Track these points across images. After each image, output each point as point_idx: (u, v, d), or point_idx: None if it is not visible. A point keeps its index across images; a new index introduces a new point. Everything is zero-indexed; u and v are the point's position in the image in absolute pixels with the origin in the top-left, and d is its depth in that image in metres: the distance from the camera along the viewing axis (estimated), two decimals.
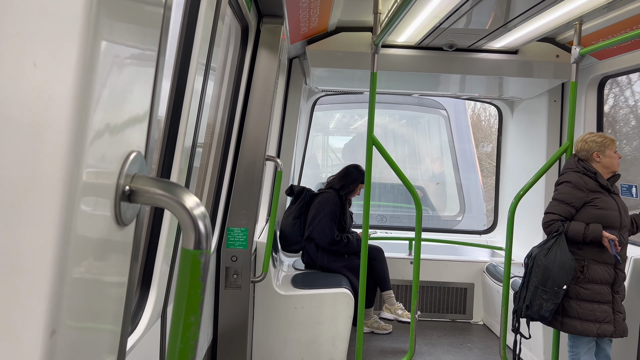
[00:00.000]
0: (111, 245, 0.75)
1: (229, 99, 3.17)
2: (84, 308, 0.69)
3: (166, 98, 1.93)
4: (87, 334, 0.71)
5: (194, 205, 0.74)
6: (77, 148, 0.60)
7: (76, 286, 0.64)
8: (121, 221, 0.74)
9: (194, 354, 0.76)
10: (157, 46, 0.81)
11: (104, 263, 0.73)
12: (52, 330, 0.59)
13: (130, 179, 0.74)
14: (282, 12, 3.20)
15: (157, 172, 1.93)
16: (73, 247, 0.62)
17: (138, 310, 1.86)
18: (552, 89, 4.76)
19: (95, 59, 0.60)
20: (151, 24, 0.78)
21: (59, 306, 0.60)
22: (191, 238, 0.74)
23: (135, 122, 0.77)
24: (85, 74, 0.59)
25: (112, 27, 0.65)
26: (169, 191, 0.74)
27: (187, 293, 0.75)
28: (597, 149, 3.24)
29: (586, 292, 3.08)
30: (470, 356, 4.30)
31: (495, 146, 6.00)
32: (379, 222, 6.31)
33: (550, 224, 3.19)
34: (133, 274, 0.84)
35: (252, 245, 3.26)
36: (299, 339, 3.72)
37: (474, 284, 5.11)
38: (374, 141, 3.40)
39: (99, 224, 0.69)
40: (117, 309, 0.81)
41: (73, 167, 0.60)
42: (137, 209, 0.80)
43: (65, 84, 0.58)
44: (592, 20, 3.57)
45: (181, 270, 0.75)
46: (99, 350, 0.77)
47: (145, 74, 0.78)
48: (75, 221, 0.62)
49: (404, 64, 4.35)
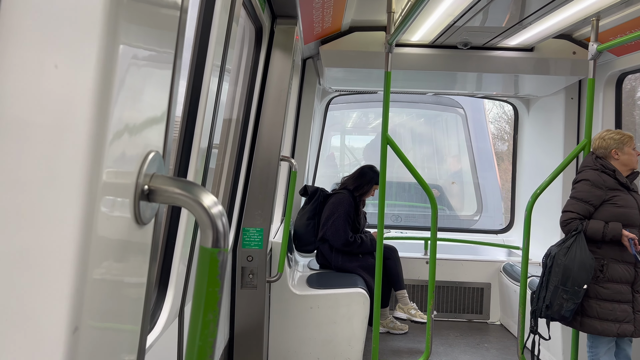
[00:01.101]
0: (131, 245, 0.76)
1: (243, 99, 3.19)
2: (104, 307, 0.70)
3: (182, 99, 1.96)
4: (107, 333, 0.73)
5: (211, 204, 0.75)
6: (97, 148, 0.61)
7: (97, 284, 0.66)
8: (140, 220, 0.76)
9: (212, 352, 0.77)
10: (174, 48, 0.82)
11: (124, 263, 0.75)
12: (75, 327, 0.61)
13: (149, 178, 0.75)
14: (295, 13, 3.21)
15: (174, 172, 1.96)
16: (94, 245, 0.63)
17: (156, 309, 1.88)
18: (569, 86, 4.70)
19: (114, 61, 0.62)
20: (168, 26, 0.79)
21: (81, 304, 0.62)
22: (209, 236, 0.75)
23: (154, 122, 0.78)
24: (104, 75, 0.60)
25: (130, 30, 0.66)
26: (187, 190, 0.75)
27: (206, 291, 0.76)
28: (615, 146, 3.20)
29: (606, 291, 3.04)
30: (487, 356, 4.27)
31: (511, 145, 5.95)
32: (394, 222, 6.29)
33: (568, 222, 3.15)
34: (152, 274, 0.85)
35: (267, 245, 3.27)
36: (314, 339, 3.73)
37: (491, 284, 5.07)
38: (388, 140, 3.40)
39: (119, 223, 0.71)
40: (137, 309, 0.82)
41: (93, 167, 0.61)
42: (155, 208, 0.81)
43: (85, 86, 0.59)
44: (610, 16, 3.52)
45: (199, 269, 0.76)
46: (119, 349, 0.78)
47: (163, 75, 0.79)
48: (96, 220, 0.63)
49: (418, 63, 4.33)
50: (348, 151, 7.96)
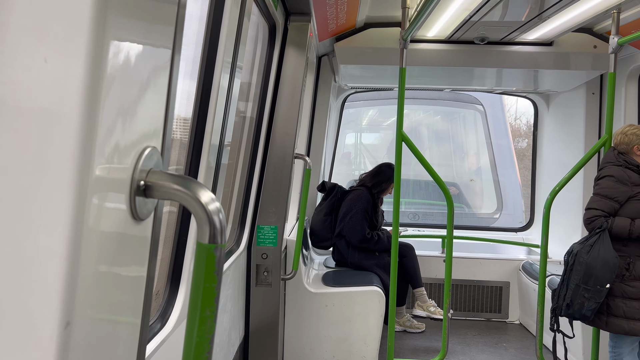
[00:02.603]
0: (127, 239, 0.76)
1: (258, 97, 3.20)
2: (100, 300, 0.70)
3: (193, 96, 1.96)
4: (104, 326, 0.73)
5: (208, 200, 0.75)
6: (88, 144, 0.61)
7: (90, 279, 0.66)
8: (137, 215, 0.76)
9: (210, 347, 0.77)
10: (172, 44, 0.82)
11: (120, 257, 0.75)
12: (67, 322, 0.61)
13: (145, 174, 0.75)
14: (309, 10, 3.20)
15: (185, 170, 1.97)
16: (86, 240, 0.63)
17: (168, 306, 1.89)
18: (590, 81, 4.60)
19: (104, 56, 0.61)
20: (164, 21, 0.79)
21: (73, 299, 0.62)
22: (206, 232, 0.74)
23: (150, 118, 0.78)
24: (94, 71, 0.60)
25: (123, 23, 0.66)
26: (184, 186, 0.75)
27: (203, 287, 0.75)
28: (638, 141, 3.11)
29: (633, 289, 2.96)
30: (505, 356, 4.21)
31: (531, 141, 5.85)
32: (411, 220, 6.24)
33: (592, 220, 3.06)
34: (152, 267, 0.85)
35: (282, 242, 3.27)
36: (330, 337, 3.72)
37: (510, 283, 4.99)
38: (403, 138, 3.37)
39: (113, 218, 0.71)
40: (136, 303, 0.82)
41: (84, 162, 0.61)
42: (154, 203, 0.81)
43: (76, 81, 0.59)
44: (632, 9, 3.43)
45: (196, 265, 0.75)
46: (118, 341, 0.78)
47: (159, 71, 0.79)
48: (88, 215, 0.63)
49: (435, 59, 4.28)
50: (364, 149, 7.92)
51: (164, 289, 1.95)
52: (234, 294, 2.87)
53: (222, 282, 2.56)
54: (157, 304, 1.93)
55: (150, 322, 1.80)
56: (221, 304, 2.54)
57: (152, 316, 1.86)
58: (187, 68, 2.03)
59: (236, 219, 3.12)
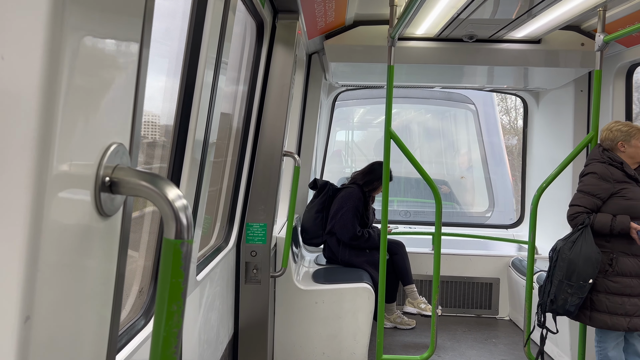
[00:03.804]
0: (94, 234, 0.76)
1: (246, 95, 3.20)
2: (64, 294, 0.70)
3: (176, 92, 1.96)
4: (69, 320, 0.73)
5: (175, 197, 0.75)
6: (46, 140, 0.61)
7: (52, 273, 0.66)
8: (103, 211, 0.76)
9: (177, 342, 0.77)
10: (140, 36, 0.81)
11: (86, 251, 0.75)
12: (27, 317, 0.61)
13: (111, 170, 0.76)
14: (297, 8, 3.20)
15: (168, 166, 1.96)
16: (47, 235, 0.63)
17: (152, 302, 1.89)
18: (579, 78, 4.62)
19: (62, 52, 0.61)
20: (130, 13, 0.78)
21: (33, 293, 0.62)
22: (172, 228, 0.75)
23: (116, 114, 0.78)
24: (52, 66, 0.60)
25: (84, 15, 0.65)
26: (150, 182, 0.76)
27: (170, 282, 0.76)
28: (622, 138, 3.14)
29: (615, 285, 2.99)
30: (494, 352, 4.23)
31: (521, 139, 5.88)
32: (402, 217, 6.26)
33: (575, 216, 3.11)
34: (122, 262, 0.86)
35: (271, 240, 3.28)
36: (320, 334, 3.73)
37: (500, 279, 5.02)
38: (392, 135, 3.38)
39: (77, 213, 0.71)
40: (105, 296, 0.83)
41: (42, 158, 0.61)
42: (121, 199, 0.81)
43: (33, 77, 0.59)
44: (618, 7, 3.45)
45: (163, 260, 0.76)
46: (86, 335, 0.79)
47: (126, 64, 0.79)
48: (49, 210, 0.63)
49: (424, 57, 4.29)
50: (355, 146, 7.93)
51: (148, 285, 1.95)
52: (222, 292, 2.87)
53: (210, 279, 2.56)
54: (142, 302, 1.93)
55: (135, 318, 1.81)
56: (209, 301, 2.54)
57: (136, 313, 1.87)
58: (171, 64, 2.02)
59: (225, 216, 3.12)
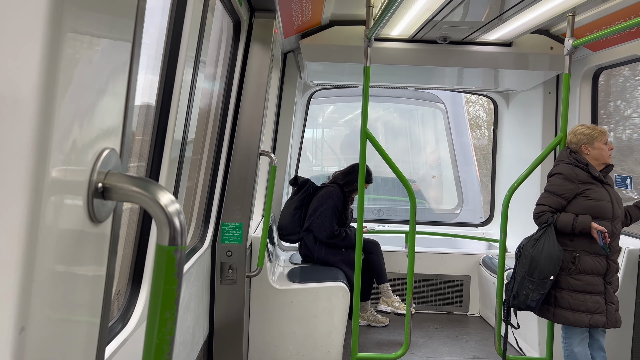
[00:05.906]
0: (86, 240, 0.75)
1: (222, 94, 3.17)
2: (58, 302, 0.69)
3: (155, 91, 1.93)
4: (62, 328, 0.72)
5: (168, 202, 0.74)
6: (42, 146, 0.60)
7: (47, 281, 0.65)
8: (95, 217, 0.75)
9: (170, 349, 0.77)
10: (132, 38, 0.80)
11: (79, 258, 0.74)
12: (22, 327, 0.60)
13: (104, 175, 0.74)
14: (274, 7, 3.19)
15: (146, 164, 1.93)
16: (42, 243, 0.62)
17: (129, 306, 1.86)
18: (547, 81, 4.75)
19: (58, 56, 0.60)
20: (123, 14, 0.77)
21: (29, 303, 0.61)
22: (166, 234, 0.74)
23: (108, 120, 0.77)
24: (49, 69, 0.59)
25: (79, 19, 0.64)
26: (143, 188, 0.75)
27: (163, 289, 0.75)
28: (585, 141, 3.25)
29: (578, 282, 3.10)
30: (466, 348, 4.32)
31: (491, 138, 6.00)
32: (376, 216, 6.31)
33: (540, 215, 3.22)
34: (111, 266, 0.85)
35: (247, 240, 3.26)
36: (295, 333, 3.74)
37: (470, 277, 5.12)
38: (368, 135, 3.40)
39: (71, 220, 0.70)
40: (95, 302, 0.82)
41: (39, 164, 0.60)
42: (112, 205, 0.80)
43: (30, 82, 0.58)
44: (586, 12, 3.56)
45: (156, 267, 0.75)
46: (77, 342, 0.77)
47: (119, 68, 0.78)
48: (44, 218, 0.62)
49: (398, 58, 4.34)
50: (327, 145, 7.94)
51: (125, 288, 1.92)
52: (198, 292, 2.85)
53: (185, 280, 2.53)
54: (119, 304, 1.90)
55: (111, 322, 1.78)
56: (185, 302, 2.51)
57: (113, 316, 1.83)
58: (149, 63, 1.99)
59: (200, 216, 3.10)
